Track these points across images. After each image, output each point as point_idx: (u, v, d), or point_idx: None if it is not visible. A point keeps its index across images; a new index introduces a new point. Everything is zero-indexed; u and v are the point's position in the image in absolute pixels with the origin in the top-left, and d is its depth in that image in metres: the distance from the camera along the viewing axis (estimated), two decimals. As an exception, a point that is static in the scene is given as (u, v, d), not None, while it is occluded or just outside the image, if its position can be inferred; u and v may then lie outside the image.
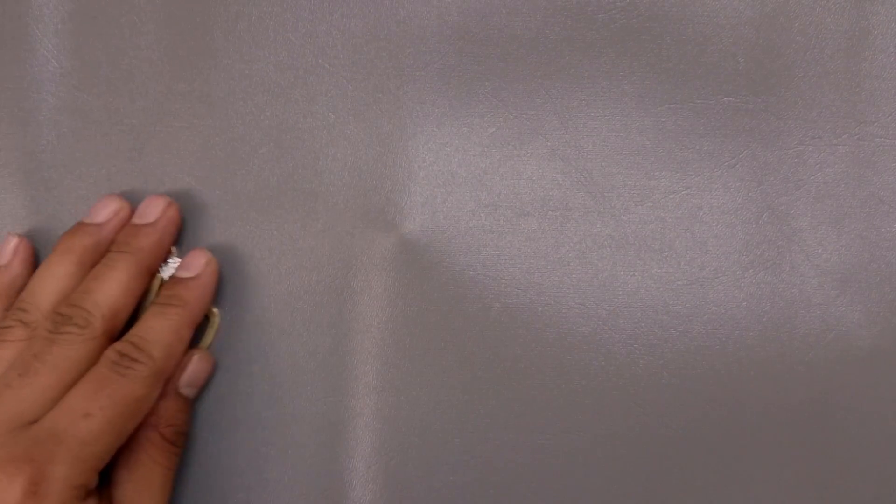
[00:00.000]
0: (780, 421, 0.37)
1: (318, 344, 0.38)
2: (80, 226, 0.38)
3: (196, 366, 0.37)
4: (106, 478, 0.34)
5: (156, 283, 0.38)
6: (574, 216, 0.38)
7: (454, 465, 0.38)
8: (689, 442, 0.38)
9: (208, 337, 0.38)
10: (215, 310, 0.39)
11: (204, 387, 0.38)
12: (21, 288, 0.37)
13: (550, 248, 0.38)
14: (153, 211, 0.38)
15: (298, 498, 0.38)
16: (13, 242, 0.38)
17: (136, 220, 0.38)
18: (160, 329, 0.35)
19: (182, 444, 0.37)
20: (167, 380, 0.36)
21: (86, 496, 0.32)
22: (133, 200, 0.39)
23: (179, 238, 0.39)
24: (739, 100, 0.38)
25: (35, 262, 0.39)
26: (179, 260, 0.38)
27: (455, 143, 0.39)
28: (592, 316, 0.38)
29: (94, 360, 0.34)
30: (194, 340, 0.38)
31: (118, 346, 0.34)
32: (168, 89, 0.39)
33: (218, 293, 0.39)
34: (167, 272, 0.38)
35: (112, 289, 0.35)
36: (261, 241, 0.39)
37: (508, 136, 0.39)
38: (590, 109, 0.39)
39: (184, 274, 0.38)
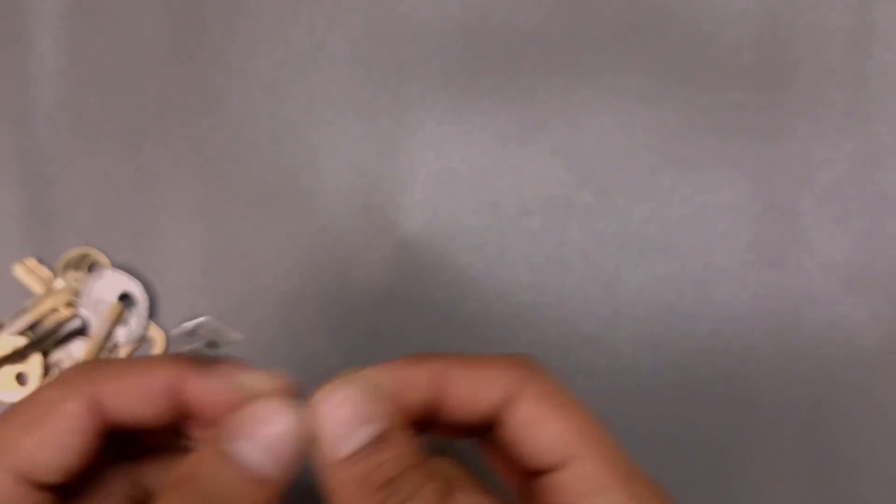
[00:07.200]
0: (785, 420, 0.37)
1: (316, 345, 0.38)
2: None
3: None
4: None
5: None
6: (577, 214, 0.38)
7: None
8: (694, 442, 0.37)
9: None
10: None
11: None
12: None
13: (553, 247, 0.38)
14: None
15: (296, 499, 0.38)
16: None
17: None
18: None
19: None
20: None
21: None
22: (130, 198, 0.39)
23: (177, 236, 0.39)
24: (744, 96, 0.38)
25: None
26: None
27: (456, 140, 0.39)
28: (596, 316, 0.38)
29: None
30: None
31: None
32: (165, 85, 0.39)
33: (213, 294, 0.38)
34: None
35: None
36: (258, 240, 0.39)
37: (511, 133, 0.38)
38: (593, 106, 0.38)
39: None
